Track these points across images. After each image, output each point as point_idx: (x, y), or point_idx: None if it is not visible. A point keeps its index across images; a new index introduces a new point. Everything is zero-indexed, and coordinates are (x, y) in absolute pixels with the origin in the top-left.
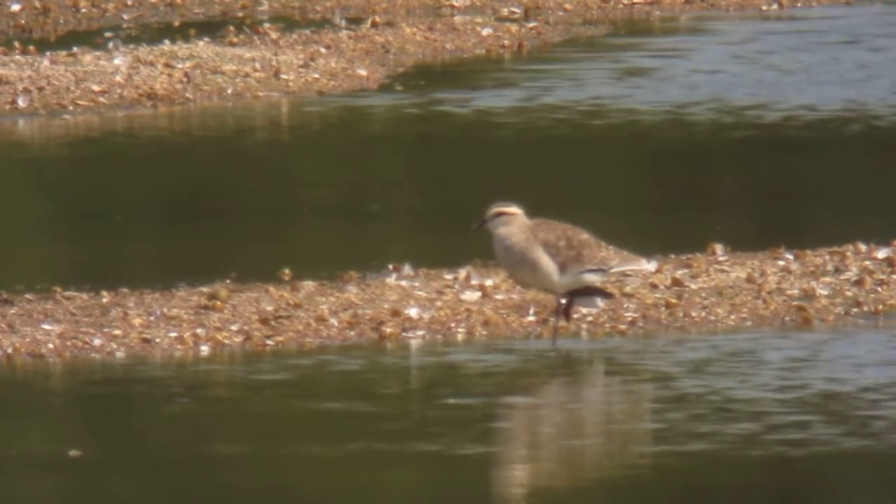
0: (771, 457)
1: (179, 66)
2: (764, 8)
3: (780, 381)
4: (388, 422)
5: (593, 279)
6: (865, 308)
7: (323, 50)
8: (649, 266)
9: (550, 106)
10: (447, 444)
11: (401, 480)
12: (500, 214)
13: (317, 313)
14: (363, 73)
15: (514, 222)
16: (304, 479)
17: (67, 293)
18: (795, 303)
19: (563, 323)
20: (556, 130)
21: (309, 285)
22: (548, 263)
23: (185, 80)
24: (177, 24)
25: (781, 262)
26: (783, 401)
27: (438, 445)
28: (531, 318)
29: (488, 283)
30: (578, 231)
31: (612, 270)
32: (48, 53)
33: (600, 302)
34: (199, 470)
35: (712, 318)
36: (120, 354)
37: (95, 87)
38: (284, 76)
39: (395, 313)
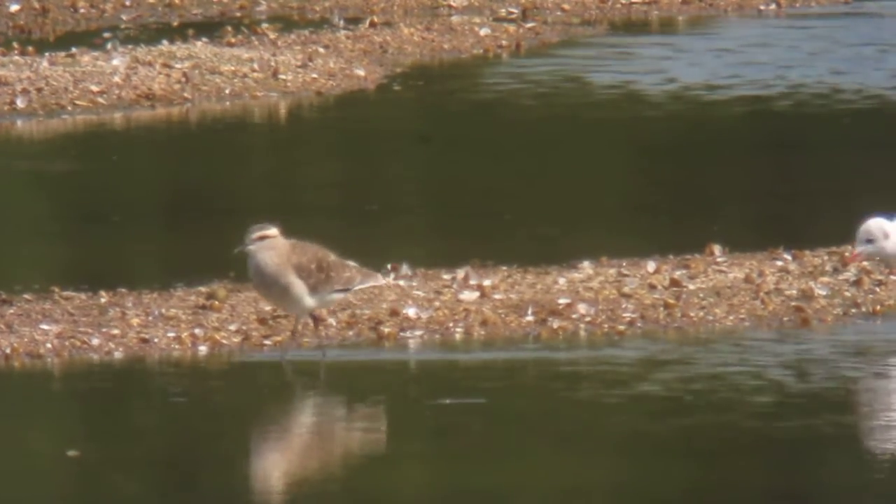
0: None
1: (178, 66)
2: (762, 8)
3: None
4: (388, 422)
5: (339, 298)
6: (864, 309)
7: (321, 50)
8: (385, 280)
9: (548, 99)
10: (445, 444)
11: (400, 479)
12: (262, 238)
13: (315, 313)
14: (361, 73)
15: (273, 245)
16: (302, 479)
17: (65, 293)
18: (794, 303)
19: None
20: (553, 127)
21: None
22: (300, 287)
23: (183, 80)
24: (175, 24)
25: (780, 263)
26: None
27: (437, 445)
28: (529, 319)
29: (486, 283)
30: (327, 252)
31: (356, 288)
32: (47, 54)
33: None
34: (200, 470)
35: (710, 318)
36: (118, 354)
37: (94, 88)
38: (283, 76)
39: (394, 313)
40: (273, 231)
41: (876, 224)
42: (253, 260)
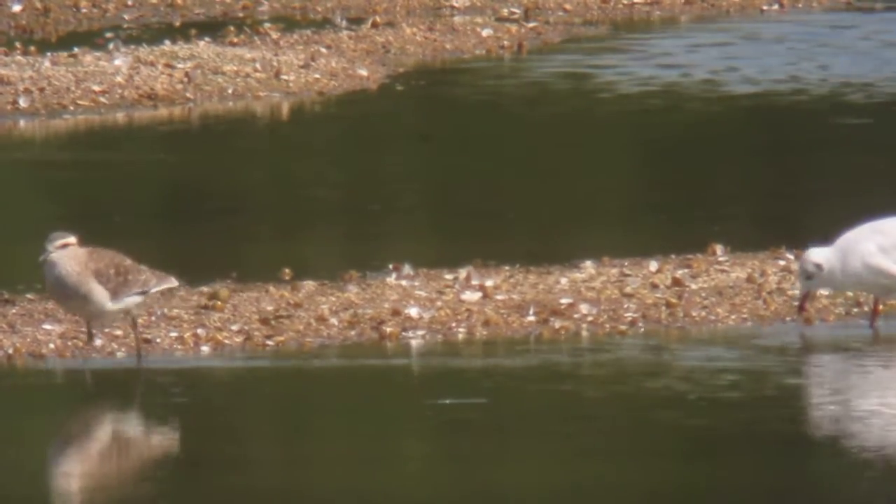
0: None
1: (180, 66)
2: (765, 8)
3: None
4: (389, 422)
5: (137, 301)
6: (866, 308)
7: (323, 50)
8: (177, 283)
9: (550, 99)
10: (445, 445)
11: (400, 480)
12: (63, 246)
13: (317, 313)
14: (364, 73)
15: (72, 253)
16: (302, 480)
17: None
18: (796, 303)
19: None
20: (555, 127)
21: (309, 285)
22: (100, 293)
23: (185, 80)
24: (177, 24)
25: (782, 262)
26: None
27: (437, 445)
28: (531, 319)
29: (489, 283)
30: (122, 257)
31: (152, 291)
32: (49, 54)
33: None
34: (200, 470)
35: (712, 317)
36: (120, 354)
37: (96, 88)
38: (285, 76)
39: (396, 313)
40: (72, 239)
41: (808, 260)
42: (54, 269)
